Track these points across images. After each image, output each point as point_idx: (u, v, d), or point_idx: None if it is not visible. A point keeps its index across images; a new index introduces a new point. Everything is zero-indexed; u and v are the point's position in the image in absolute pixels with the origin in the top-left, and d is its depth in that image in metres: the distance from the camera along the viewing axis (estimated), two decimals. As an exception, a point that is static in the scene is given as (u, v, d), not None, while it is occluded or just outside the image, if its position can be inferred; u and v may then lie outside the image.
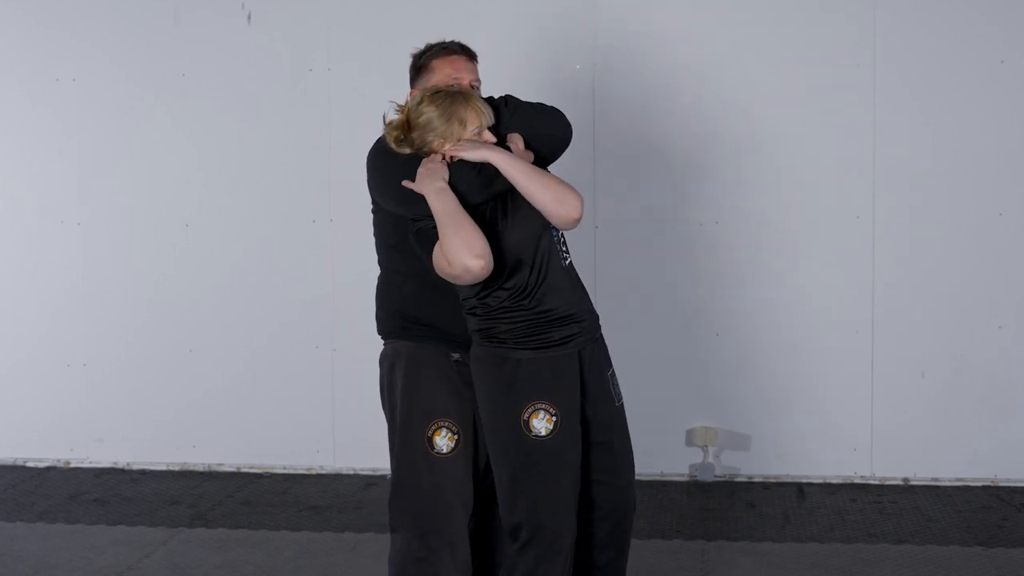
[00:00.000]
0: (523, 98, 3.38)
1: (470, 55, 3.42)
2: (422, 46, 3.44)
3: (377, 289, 3.49)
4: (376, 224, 3.45)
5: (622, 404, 3.33)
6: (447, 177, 3.10)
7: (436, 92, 3.19)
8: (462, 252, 3.00)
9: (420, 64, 3.41)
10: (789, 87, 5.23)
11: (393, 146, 3.21)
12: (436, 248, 3.08)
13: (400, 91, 3.48)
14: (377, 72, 5.38)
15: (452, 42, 3.42)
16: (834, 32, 5.18)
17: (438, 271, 3.10)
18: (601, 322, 3.34)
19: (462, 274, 3.03)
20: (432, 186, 3.08)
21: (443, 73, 3.35)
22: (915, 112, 5.17)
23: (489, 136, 3.18)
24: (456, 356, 3.33)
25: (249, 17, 5.49)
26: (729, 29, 5.24)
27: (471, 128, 3.15)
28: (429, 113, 3.15)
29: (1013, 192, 5.16)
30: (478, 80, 3.41)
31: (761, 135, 5.25)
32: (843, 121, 5.20)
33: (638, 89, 5.29)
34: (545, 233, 3.17)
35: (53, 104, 5.65)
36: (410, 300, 3.36)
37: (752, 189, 5.28)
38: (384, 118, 3.24)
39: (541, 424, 3.12)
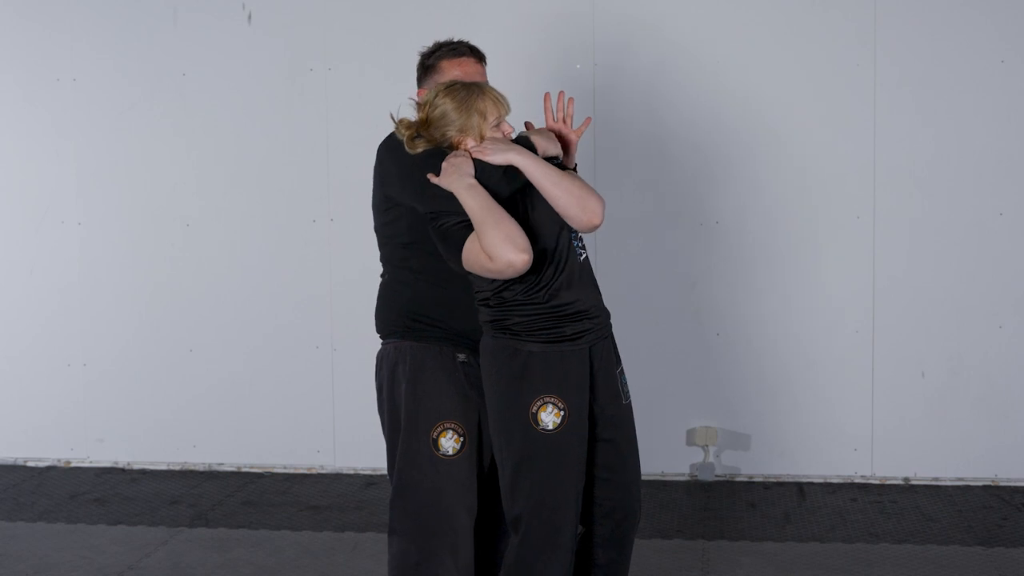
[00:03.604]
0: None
1: (479, 56, 3.41)
2: (430, 44, 3.42)
3: (382, 287, 3.44)
4: (386, 222, 3.37)
5: (630, 403, 3.31)
6: (473, 172, 3.07)
7: (451, 84, 3.17)
8: (505, 247, 2.97)
9: (429, 64, 3.39)
10: (789, 87, 5.23)
11: (408, 146, 3.16)
12: (469, 244, 3.04)
13: (399, 91, 3.48)
14: (376, 72, 5.38)
15: (461, 43, 3.40)
16: (834, 32, 5.19)
17: (470, 267, 3.07)
18: (605, 321, 3.33)
19: (504, 269, 2.99)
20: (461, 183, 3.05)
21: (451, 75, 3.33)
22: (915, 112, 5.17)
23: (507, 127, 3.16)
24: (462, 357, 3.31)
25: (249, 17, 5.49)
26: (729, 29, 5.24)
27: (490, 119, 3.13)
28: (445, 106, 3.12)
29: (1013, 192, 5.16)
30: (486, 82, 3.40)
31: (761, 135, 5.26)
32: (843, 121, 5.20)
33: (638, 89, 5.29)
34: (564, 229, 3.17)
35: (53, 104, 5.65)
36: (421, 299, 3.31)
37: (752, 189, 5.28)
38: (392, 117, 3.21)
39: (549, 418, 3.12)
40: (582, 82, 5.29)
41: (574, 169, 3.40)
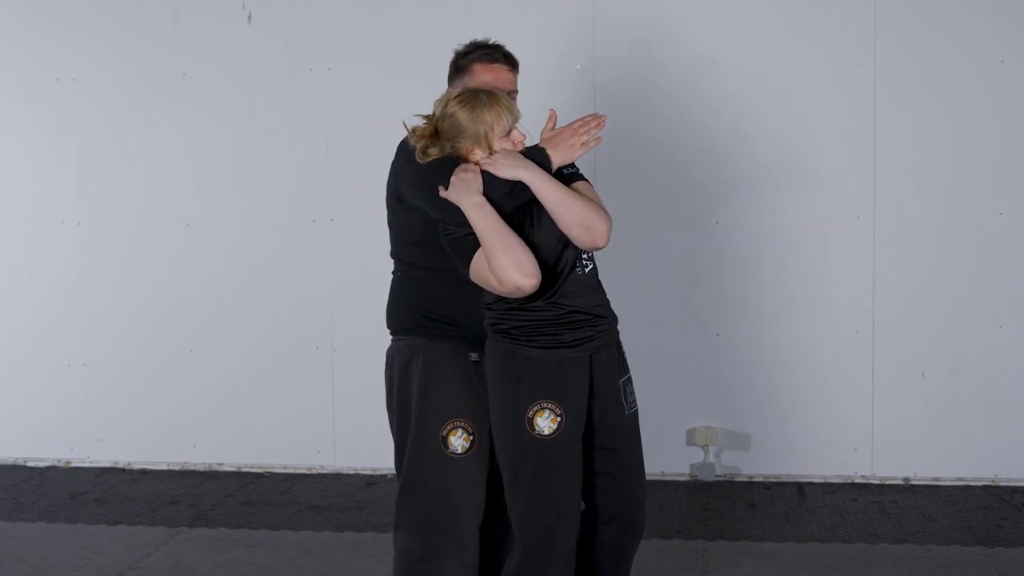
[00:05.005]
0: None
1: (512, 64, 3.38)
2: (466, 43, 3.39)
3: (394, 283, 3.42)
4: (400, 219, 3.36)
5: (635, 413, 3.28)
6: (481, 188, 3.04)
7: (461, 93, 3.13)
8: (513, 271, 2.98)
9: (461, 65, 3.36)
10: (789, 87, 5.23)
11: (419, 156, 3.14)
12: (477, 260, 3.05)
13: (399, 91, 3.49)
14: (376, 72, 5.38)
15: (496, 48, 3.37)
16: (834, 32, 5.19)
17: (477, 280, 3.07)
18: (605, 323, 3.32)
19: (513, 292, 3.01)
20: (469, 200, 3.03)
21: (481, 80, 3.30)
22: (915, 112, 5.17)
23: (517, 135, 3.14)
24: (474, 356, 3.29)
25: (249, 17, 5.49)
26: (729, 29, 5.24)
27: (498, 130, 3.10)
28: (454, 117, 3.09)
29: (1013, 192, 5.16)
30: (515, 91, 3.37)
31: (761, 135, 5.26)
32: (843, 121, 5.20)
33: (638, 89, 5.29)
34: (569, 246, 3.13)
35: (53, 104, 5.65)
36: (436, 297, 3.30)
37: (752, 189, 5.28)
38: (405, 124, 3.19)
39: (545, 423, 3.11)
40: (582, 81, 5.29)
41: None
